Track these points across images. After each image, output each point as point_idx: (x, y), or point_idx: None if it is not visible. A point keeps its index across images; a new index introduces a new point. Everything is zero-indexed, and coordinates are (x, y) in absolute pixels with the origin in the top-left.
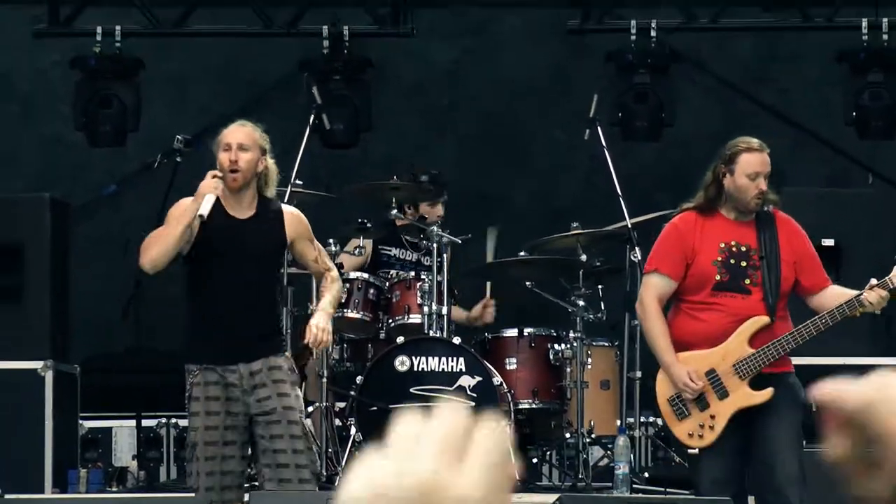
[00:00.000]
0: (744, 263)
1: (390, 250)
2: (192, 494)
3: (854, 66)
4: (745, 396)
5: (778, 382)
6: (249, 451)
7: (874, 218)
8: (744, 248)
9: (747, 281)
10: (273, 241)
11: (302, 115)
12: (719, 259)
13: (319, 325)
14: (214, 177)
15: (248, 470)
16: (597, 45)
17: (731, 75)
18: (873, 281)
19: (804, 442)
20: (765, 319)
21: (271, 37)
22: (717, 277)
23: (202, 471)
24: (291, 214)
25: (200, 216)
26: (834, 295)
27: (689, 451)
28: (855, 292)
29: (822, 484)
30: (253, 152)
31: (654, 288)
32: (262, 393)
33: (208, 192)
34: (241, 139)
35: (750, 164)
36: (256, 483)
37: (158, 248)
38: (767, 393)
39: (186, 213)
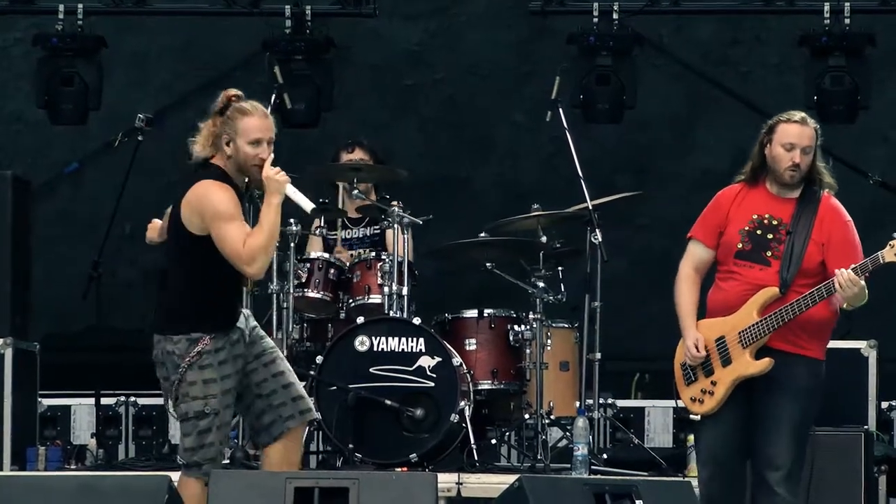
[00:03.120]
0: (770, 236)
1: (334, 233)
2: (151, 473)
3: (815, 49)
4: (744, 365)
5: (793, 363)
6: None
7: None
8: (775, 222)
9: (768, 253)
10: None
11: (264, 94)
12: (746, 229)
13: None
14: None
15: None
16: (559, 27)
17: (692, 58)
18: (852, 265)
19: (806, 426)
20: (773, 290)
21: (233, 16)
22: (739, 245)
23: (217, 440)
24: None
25: (314, 210)
26: None
27: (691, 416)
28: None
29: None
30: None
31: (690, 255)
32: (257, 336)
33: (287, 181)
34: (270, 134)
35: (786, 135)
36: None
37: (268, 254)
38: (764, 363)
39: (274, 212)
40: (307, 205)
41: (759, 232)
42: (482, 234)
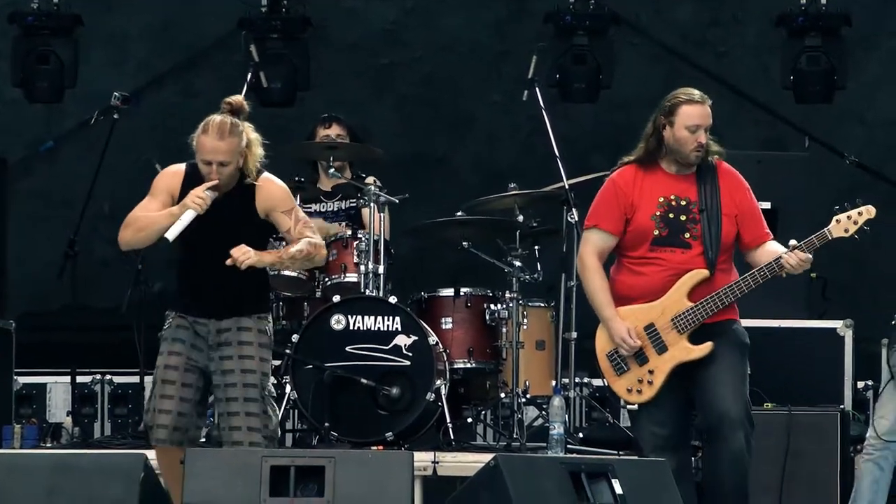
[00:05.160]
0: (683, 217)
1: (310, 207)
2: (127, 451)
3: (792, 30)
4: (683, 351)
5: (721, 330)
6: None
7: (810, 182)
8: (683, 202)
9: (687, 235)
10: (243, 217)
11: (240, 73)
12: (658, 213)
13: (242, 249)
14: (210, 188)
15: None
16: (535, 7)
17: (669, 38)
18: (793, 242)
19: (747, 378)
20: (704, 273)
21: None
22: (656, 232)
23: (158, 407)
24: (262, 189)
25: (164, 238)
26: (770, 251)
27: (629, 406)
28: (784, 250)
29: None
30: (234, 163)
31: (592, 244)
32: (225, 352)
33: (191, 209)
34: (220, 157)
35: (690, 117)
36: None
37: (134, 235)
38: (706, 347)
39: (170, 217)
40: (171, 232)
41: (671, 215)
42: (459, 213)
